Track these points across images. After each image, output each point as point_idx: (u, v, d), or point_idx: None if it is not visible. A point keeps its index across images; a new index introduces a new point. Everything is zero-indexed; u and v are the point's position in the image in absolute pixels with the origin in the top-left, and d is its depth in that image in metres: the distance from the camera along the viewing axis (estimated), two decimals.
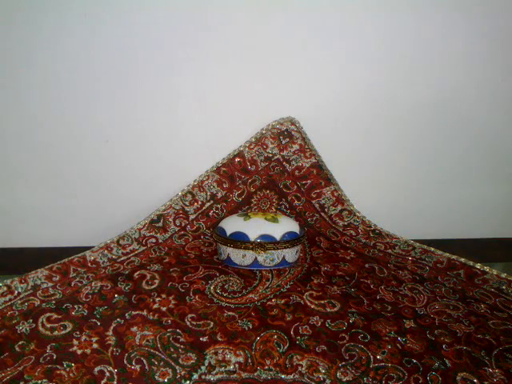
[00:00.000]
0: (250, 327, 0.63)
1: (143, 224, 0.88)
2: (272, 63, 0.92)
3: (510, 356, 0.59)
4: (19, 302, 0.66)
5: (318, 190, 0.98)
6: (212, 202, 0.94)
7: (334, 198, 0.98)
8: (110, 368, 0.55)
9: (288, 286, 0.75)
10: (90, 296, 0.69)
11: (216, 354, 0.58)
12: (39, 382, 0.52)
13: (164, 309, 0.67)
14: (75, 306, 0.66)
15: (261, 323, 0.64)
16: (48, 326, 0.62)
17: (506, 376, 0.55)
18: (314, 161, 0.97)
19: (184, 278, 0.76)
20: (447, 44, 0.94)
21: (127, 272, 0.77)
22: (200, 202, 0.93)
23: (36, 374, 0.53)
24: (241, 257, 0.79)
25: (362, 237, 0.94)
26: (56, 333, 0.61)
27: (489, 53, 0.96)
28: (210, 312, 0.67)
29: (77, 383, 0.52)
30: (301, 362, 0.57)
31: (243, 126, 0.96)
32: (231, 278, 0.77)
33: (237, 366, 0.56)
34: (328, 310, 0.68)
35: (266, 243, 0.78)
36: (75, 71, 0.86)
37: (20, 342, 0.58)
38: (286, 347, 0.60)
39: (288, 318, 0.66)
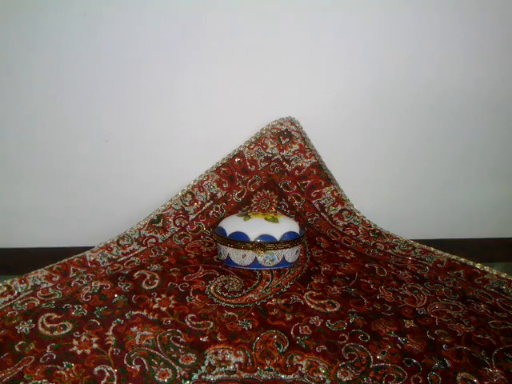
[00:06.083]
0: (250, 327, 0.63)
1: (143, 224, 0.88)
2: (272, 63, 0.92)
3: (510, 356, 0.59)
4: (19, 302, 0.66)
5: (317, 190, 0.97)
6: (212, 202, 0.94)
7: (334, 198, 0.98)
8: (110, 368, 0.55)
9: (288, 286, 0.75)
10: (90, 296, 0.69)
11: (216, 354, 0.58)
12: (39, 382, 0.52)
13: (164, 309, 0.67)
14: (75, 306, 0.66)
15: (261, 323, 0.64)
16: (48, 326, 0.62)
17: (506, 376, 0.55)
18: (313, 161, 0.97)
19: (184, 278, 0.76)
20: (447, 44, 0.94)
21: (127, 272, 0.77)
22: (200, 202, 0.93)
23: (36, 374, 0.53)
24: (241, 257, 0.79)
25: (362, 237, 0.94)
26: (56, 333, 0.61)
27: (488, 52, 0.96)
28: (210, 312, 0.67)
29: (77, 383, 0.52)
30: (301, 362, 0.57)
31: (243, 126, 0.96)
32: (231, 278, 0.77)
33: (237, 366, 0.56)
34: (328, 309, 0.68)
35: (266, 243, 0.78)
36: (75, 71, 0.86)
37: (20, 342, 0.58)
38: (285, 347, 0.60)
39: (288, 318, 0.66)
